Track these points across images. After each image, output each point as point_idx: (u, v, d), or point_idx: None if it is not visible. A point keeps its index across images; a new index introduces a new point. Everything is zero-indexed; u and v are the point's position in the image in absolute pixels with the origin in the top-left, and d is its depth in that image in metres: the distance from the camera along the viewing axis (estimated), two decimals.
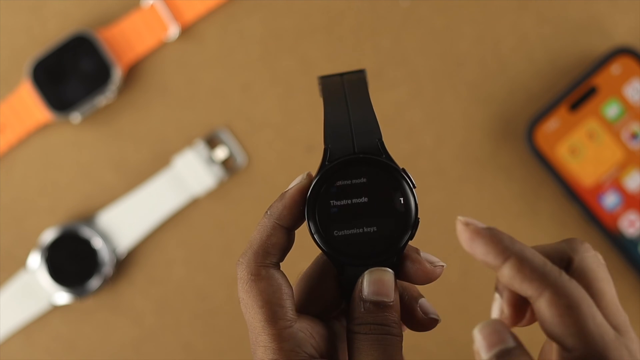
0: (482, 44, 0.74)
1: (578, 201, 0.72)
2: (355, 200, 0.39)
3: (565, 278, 0.36)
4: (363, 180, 0.39)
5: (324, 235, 0.39)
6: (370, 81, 0.39)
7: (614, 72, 0.72)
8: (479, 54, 0.74)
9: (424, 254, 0.40)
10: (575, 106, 0.72)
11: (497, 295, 0.41)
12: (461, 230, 0.38)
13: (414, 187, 0.40)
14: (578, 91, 0.72)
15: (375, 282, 0.39)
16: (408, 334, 0.41)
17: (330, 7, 0.75)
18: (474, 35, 0.74)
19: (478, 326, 0.37)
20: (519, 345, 0.37)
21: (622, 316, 0.37)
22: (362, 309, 0.38)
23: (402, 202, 0.39)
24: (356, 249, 0.39)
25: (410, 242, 0.40)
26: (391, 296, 0.38)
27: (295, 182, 0.40)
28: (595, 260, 0.38)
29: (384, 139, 0.40)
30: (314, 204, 0.39)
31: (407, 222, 0.39)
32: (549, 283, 0.36)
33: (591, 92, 0.72)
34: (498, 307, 0.41)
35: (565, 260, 0.38)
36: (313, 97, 0.42)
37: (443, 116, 0.74)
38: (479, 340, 0.37)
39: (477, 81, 0.74)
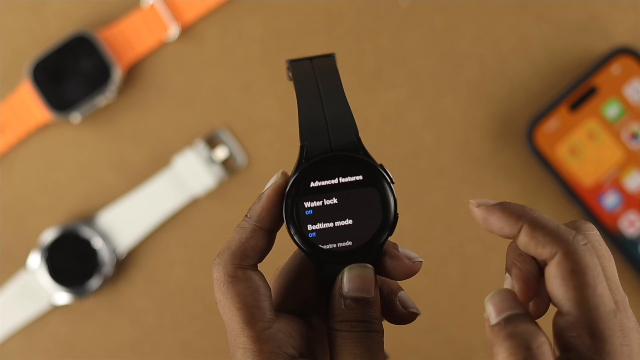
0: (482, 44, 0.74)
1: (578, 201, 0.72)
2: (333, 198, 0.39)
3: (578, 241, 0.36)
4: (340, 177, 0.39)
5: (302, 234, 0.39)
6: (370, 81, 0.39)
7: (614, 72, 0.72)
8: (479, 54, 0.74)
9: (403, 250, 0.40)
10: (575, 106, 0.72)
11: (507, 275, 0.41)
12: (475, 212, 0.38)
13: (392, 182, 0.39)
14: (578, 91, 0.72)
15: (355, 279, 0.38)
16: (408, 333, 0.41)
17: (330, 7, 0.75)
18: (474, 35, 0.74)
19: (488, 295, 0.37)
20: (527, 312, 0.37)
21: (621, 295, 0.37)
22: (343, 306, 0.38)
23: (380, 198, 0.39)
24: (335, 247, 0.39)
25: (391, 239, 0.40)
26: (371, 292, 0.38)
27: (271, 181, 0.40)
28: (598, 239, 0.38)
29: (384, 139, 0.40)
30: (291, 203, 0.39)
31: (386, 219, 0.39)
32: (561, 245, 0.36)
33: (591, 92, 0.72)
34: (509, 285, 0.41)
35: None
36: None
37: (443, 116, 0.74)
38: (488, 307, 0.37)
39: (477, 81, 0.74)
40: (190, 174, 0.74)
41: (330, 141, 0.39)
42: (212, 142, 0.75)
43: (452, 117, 0.74)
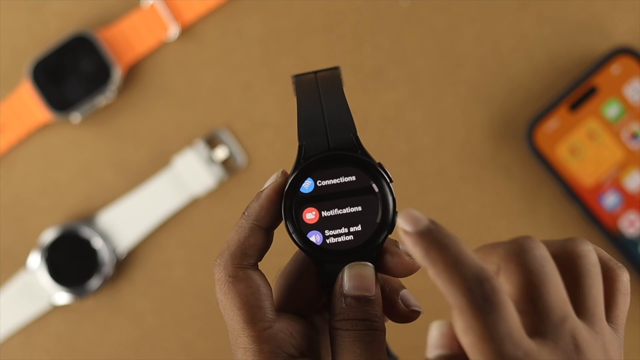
0: (482, 44, 0.74)
1: (578, 201, 0.72)
2: (332, 198, 0.39)
3: (468, 298, 0.32)
4: (339, 176, 0.39)
5: (301, 234, 0.39)
6: (370, 81, 0.39)
7: (614, 72, 0.72)
8: (479, 54, 0.74)
9: (403, 247, 0.39)
10: (575, 106, 0.72)
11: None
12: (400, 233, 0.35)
13: (391, 181, 0.39)
14: (578, 91, 0.72)
15: (356, 277, 0.38)
16: (408, 333, 0.41)
17: (330, 7, 0.75)
18: (474, 35, 0.74)
19: (434, 323, 0.35)
20: (459, 354, 0.34)
21: (553, 319, 0.34)
22: (344, 305, 0.38)
23: (379, 196, 0.39)
24: (335, 246, 0.39)
25: (390, 236, 0.40)
26: (372, 290, 0.38)
27: (270, 180, 0.40)
28: (536, 262, 0.35)
29: (384, 139, 0.40)
30: (290, 202, 0.39)
31: (386, 217, 0.39)
32: (454, 302, 0.33)
33: (591, 92, 0.72)
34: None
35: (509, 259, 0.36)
36: None
37: (443, 116, 0.74)
38: (430, 337, 0.35)
39: (477, 81, 0.74)
40: (190, 174, 0.74)
41: (328, 140, 0.40)
42: (212, 142, 0.75)
43: (452, 117, 0.74)
